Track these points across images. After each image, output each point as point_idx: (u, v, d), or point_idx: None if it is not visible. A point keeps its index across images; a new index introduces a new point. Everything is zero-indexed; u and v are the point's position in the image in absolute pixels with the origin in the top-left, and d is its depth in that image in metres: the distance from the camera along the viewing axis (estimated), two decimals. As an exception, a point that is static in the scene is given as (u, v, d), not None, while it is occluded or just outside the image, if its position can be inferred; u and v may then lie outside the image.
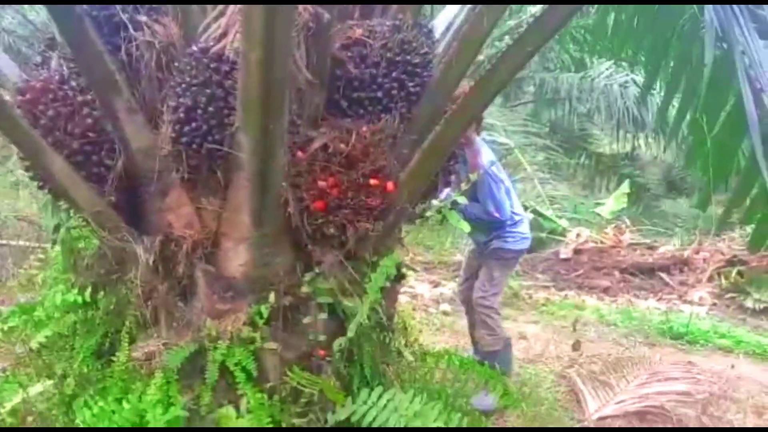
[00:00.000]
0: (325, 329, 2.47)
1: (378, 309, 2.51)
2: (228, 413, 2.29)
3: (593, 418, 3.95)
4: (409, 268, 7.55)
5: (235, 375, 2.32)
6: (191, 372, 2.36)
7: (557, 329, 5.73)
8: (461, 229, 2.25)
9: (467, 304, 4.28)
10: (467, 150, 3.65)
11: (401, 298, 6.51)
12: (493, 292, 3.97)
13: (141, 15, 2.31)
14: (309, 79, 2.28)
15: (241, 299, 2.41)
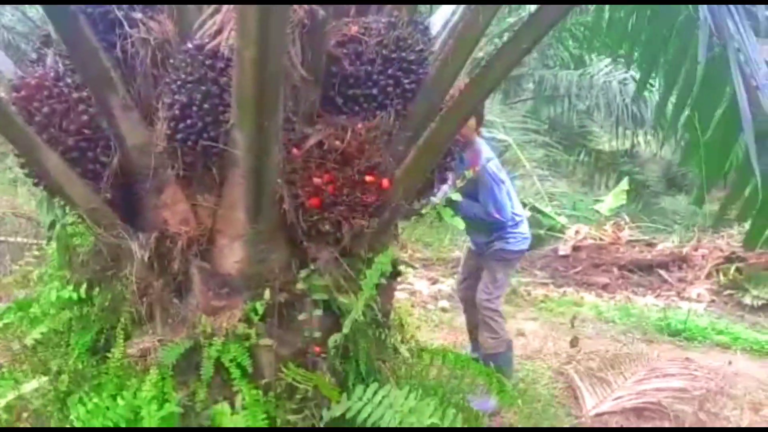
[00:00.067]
0: (320, 326, 2.47)
1: (373, 306, 2.51)
2: (223, 410, 2.29)
3: (590, 414, 3.96)
4: (407, 265, 7.56)
5: (231, 371, 2.32)
6: (186, 368, 2.36)
7: (555, 326, 5.72)
8: (456, 225, 2.25)
9: (466, 302, 4.28)
10: (468, 150, 3.65)
11: (399, 294, 6.51)
12: (497, 294, 3.97)
13: (136, 12, 2.31)
14: (304, 76, 2.27)
15: (236, 296, 2.41)
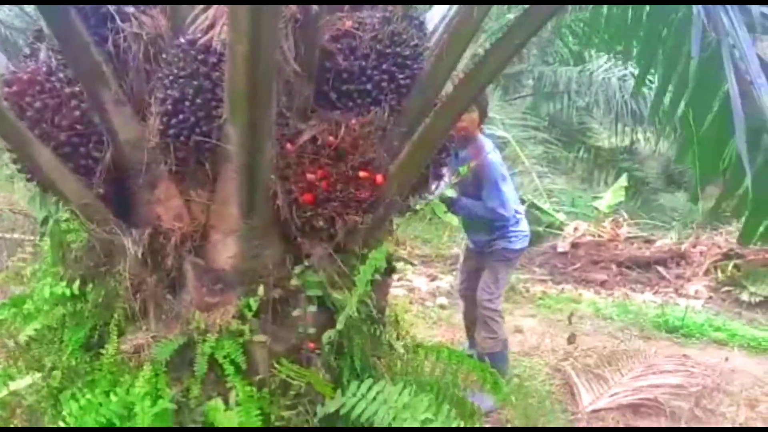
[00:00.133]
0: (314, 322, 2.45)
1: (368, 302, 2.51)
2: (217, 406, 2.28)
3: (587, 410, 3.96)
4: (406, 261, 7.55)
5: (224, 368, 2.31)
6: (180, 365, 2.35)
7: (553, 323, 5.72)
8: (449, 221, 2.23)
9: (466, 299, 4.26)
10: (470, 145, 3.63)
11: (398, 291, 6.52)
12: (498, 294, 3.97)
13: (128, 6, 2.30)
14: (297, 71, 2.27)
15: (230, 292, 2.40)
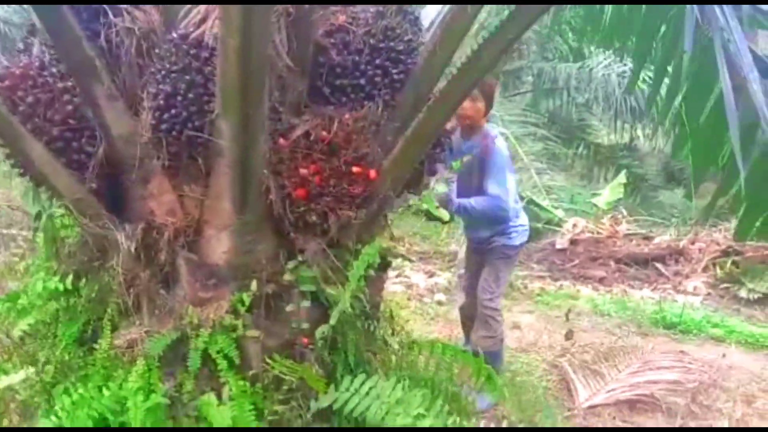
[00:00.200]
0: (308, 317, 2.45)
1: (361, 297, 2.51)
2: (210, 401, 2.29)
3: (583, 406, 3.96)
4: (404, 258, 7.53)
5: (218, 363, 2.31)
6: (173, 360, 2.35)
7: (551, 319, 5.72)
8: (441, 216, 2.23)
9: (468, 296, 4.24)
10: (475, 135, 3.60)
11: (396, 287, 6.52)
12: (498, 293, 3.96)
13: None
14: (290, 65, 2.26)
15: (223, 287, 2.40)
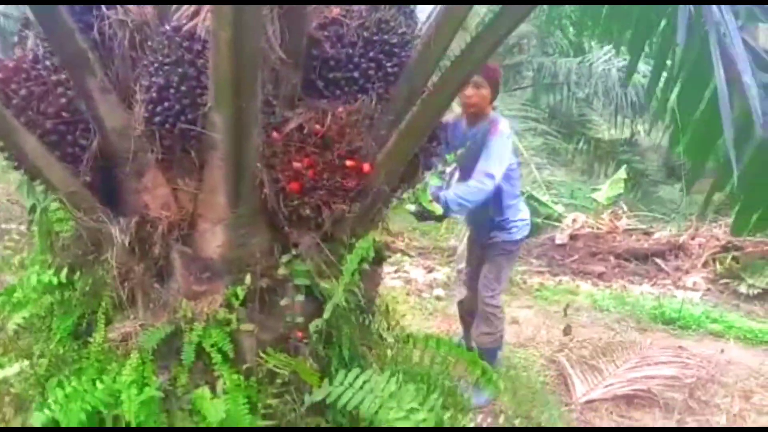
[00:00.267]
0: (302, 311, 2.45)
1: (356, 291, 2.50)
2: (203, 394, 2.29)
3: (580, 401, 3.97)
4: (404, 253, 7.48)
5: (212, 356, 2.31)
6: (167, 353, 2.35)
7: (550, 314, 5.72)
8: (434, 210, 2.22)
9: (470, 290, 4.22)
10: (481, 123, 3.57)
11: (395, 282, 6.52)
12: (500, 290, 3.93)
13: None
14: (283, 58, 2.25)
15: (217, 280, 2.39)
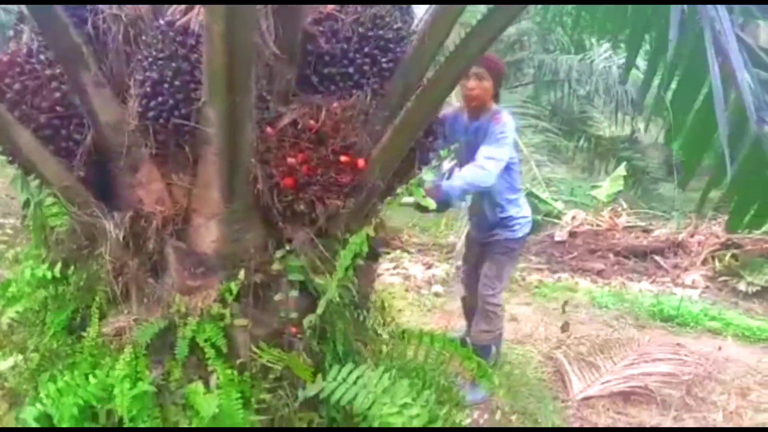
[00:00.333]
0: (296, 306, 2.45)
1: (350, 287, 2.50)
2: (197, 389, 2.29)
3: (577, 398, 3.96)
4: (403, 249, 7.46)
5: (205, 351, 2.32)
6: (161, 348, 2.36)
7: (548, 311, 5.71)
8: (427, 205, 2.21)
9: (469, 289, 4.21)
10: (483, 116, 3.54)
11: (394, 279, 6.52)
12: (501, 288, 3.91)
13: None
14: (277, 53, 2.25)
15: (211, 275, 2.39)
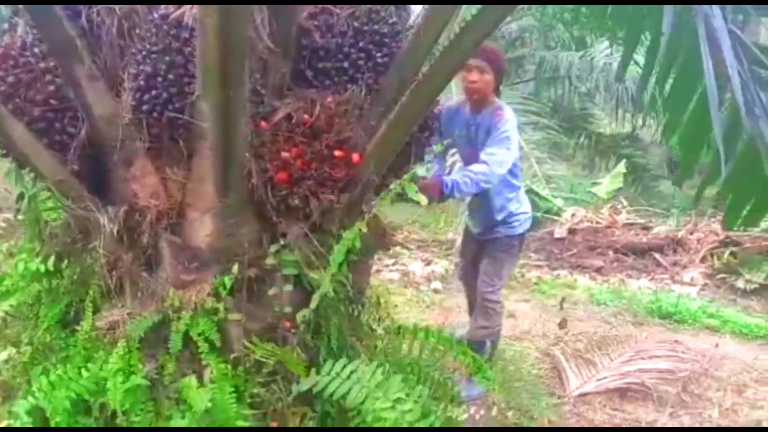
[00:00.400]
0: (291, 301, 2.45)
1: (345, 282, 2.50)
2: (190, 383, 2.29)
3: (574, 394, 3.97)
4: (402, 246, 7.46)
5: (199, 345, 2.32)
6: (155, 342, 2.36)
7: (547, 308, 5.71)
8: (419, 200, 2.21)
9: (468, 286, 4.21)
10: (485, 109, 3.52)
11: (393, 275, 6.52)
12: (500, 285, 3.89)
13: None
14: (271, 47, 2.24)
15: (205, 270, 2.39)
